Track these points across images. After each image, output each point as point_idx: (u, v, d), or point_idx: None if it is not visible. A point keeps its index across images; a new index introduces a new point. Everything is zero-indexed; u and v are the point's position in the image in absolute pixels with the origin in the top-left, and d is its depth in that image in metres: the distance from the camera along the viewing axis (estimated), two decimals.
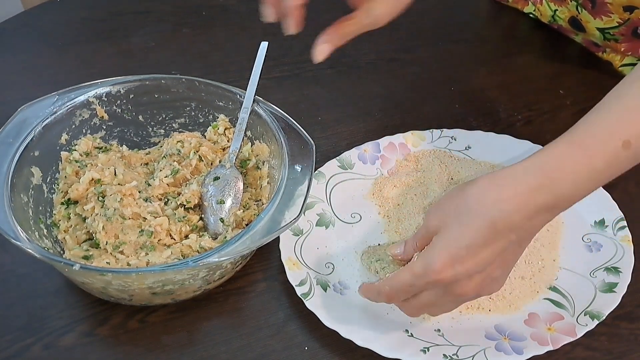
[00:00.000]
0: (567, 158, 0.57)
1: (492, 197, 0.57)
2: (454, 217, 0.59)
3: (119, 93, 0.80)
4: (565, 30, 1.05)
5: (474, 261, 0.57)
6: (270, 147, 0.78)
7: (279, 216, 0.68)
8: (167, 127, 0.84)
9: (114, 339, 0.71)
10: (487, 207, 0.57)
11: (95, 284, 0.68)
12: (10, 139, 0.73)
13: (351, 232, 0.79)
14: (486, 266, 0.58)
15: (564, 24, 1.03)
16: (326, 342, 0.70)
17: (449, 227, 0.59)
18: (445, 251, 0.58)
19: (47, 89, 0.79)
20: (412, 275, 0.61)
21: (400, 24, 1.11)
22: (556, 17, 1.04)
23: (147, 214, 0.73)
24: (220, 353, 0.70)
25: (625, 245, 0.75)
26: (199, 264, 0.64)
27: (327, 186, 0.82)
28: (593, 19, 0.97)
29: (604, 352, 0.70)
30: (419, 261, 0.60)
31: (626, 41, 0.98)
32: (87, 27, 1.10)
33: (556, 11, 1.03)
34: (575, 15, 1.00)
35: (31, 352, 0.69)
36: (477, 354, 0.67)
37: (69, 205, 0.75)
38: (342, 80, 1.01)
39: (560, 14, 1.03)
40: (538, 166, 0.57)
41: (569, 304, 0.72)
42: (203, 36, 1.08)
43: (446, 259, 0.58)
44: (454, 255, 0.58)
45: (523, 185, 0.57)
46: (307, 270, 0.74)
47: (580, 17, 0.99)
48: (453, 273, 0.58)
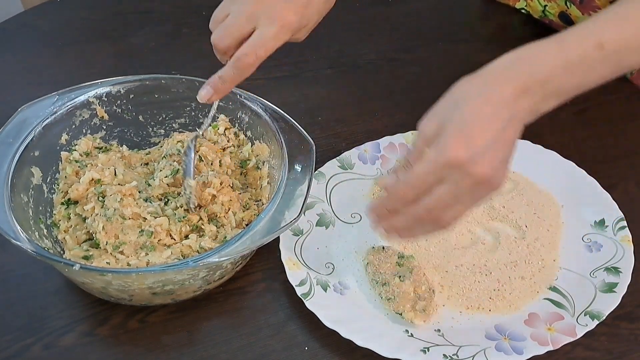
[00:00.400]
0: (542, 48, 0.60)
1: (480, 82, 0.60)
2: (452, 109, 0.59)
3: (119, 93, 0.80)
4: (557, 25, 1.05)
5: (482, 137, 0.58)
6: (270, 147, 0.78)
7: (279, 216, 0.68)
8: (167, 127, 0.84)
9: (114, 339, 0.71)
10: (479, 89, 0.59)
11: (95, 284, 0.68)
12: (10, 139, 0.73)
13: (351, 232, 0.79)
14: (493, 142, 0.58)
15: (554, 18, 1.04)
16: (326, 342, 0.70)
17: (449, 117, 0.59)
18: (455, 132, 0.58)
19: (47, 89, 0.79)
20: (427, 164, 0.59)
21: (400, 24, 1.12)
22: (546, 12, 1.04)
23: (147, 214, 0.73)
24: (220, 353, 0.70)
25: (625, 245, 0.75)
26: (199, 264, 0.64)
27: (327, 186, 0.82)
28: (581, 14, 0.97)
29: (604, 352, 0.70)
30: (432, 149, 0.59)
31: None
32: (87, 27, 1.10)
33: (546, 7, 1.04)
34: (564, 10, 1.00)
35: (31, 352, 0.69)
36: (477, 354, 0.67)
37: (69, 205, 0.75)
38: (342, 80, 1.01)
39: (550, 9, 1.03)
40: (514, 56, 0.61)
41: (569, 304, 0.72)
42: (203, 36, 1.07)
43: (458, 138, 0.58)
44: (465, 133, 0.58)
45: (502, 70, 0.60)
46: (307, 270, 0.74)
47: (569, 11, 0.99)
48: (468, 149, 0.57)
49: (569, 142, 0.89)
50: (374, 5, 1.14)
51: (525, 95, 0.59)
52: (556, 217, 0.80)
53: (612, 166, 0.87)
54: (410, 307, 0.70)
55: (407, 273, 0.73)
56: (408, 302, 0.71)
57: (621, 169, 0.87)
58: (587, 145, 0.90)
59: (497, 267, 0.75)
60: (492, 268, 0.75)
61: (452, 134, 0.58)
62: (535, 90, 0.60)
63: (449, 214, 0.61)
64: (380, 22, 1.11)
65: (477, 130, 0.58)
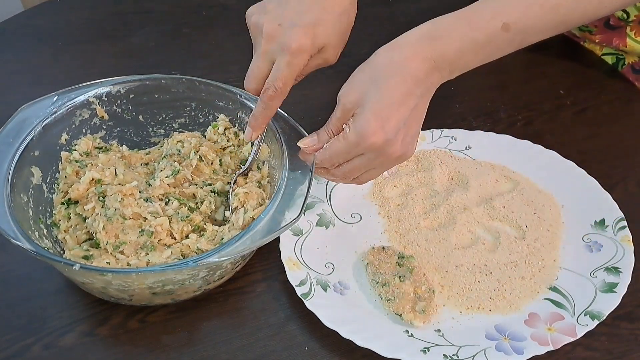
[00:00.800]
0: (453, 27, 0.66)
1: (398, 58, 0.65)
2: (370, 83, 0.65)
3: (119, 93, 0.80)
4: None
5: (396, 117, 0.65)
6: (270, 147, 0.78)
7: (279, 216, 0.68)
8: (167, 127, 0.84)
9: (114, 339, 0.71)
10: (396, 66, 0.65)
11: (95, 284, 0.68)
12: (10, 139, 0.73)
13: (351, 232, 0.79)
14: (405, 121, 0.66)
15: None
16: (326, 342, 0.70)
17: (368, 94, 0.65)
18: (372, 115, 0.65)
19: (47, 89, 0.79)
20: (348, 145, 0.67)
21: (400, 24, 1.11)
22: None
23: (148, 214, 0.73)
24: (220, 353, 0.70)
25: (626, 245, 0.75)
26: (199, 264, 0.64)
27: (327, 186, 0.82)
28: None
29: (604, 352, 0.70)
30: (351, 131, 0.66)
31: (600, 32, 1.00)
32: (87, 27, 1.10)
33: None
34: None
35: (31, 352, 0.69)
36: (477, 354, 0.67)
37: (69, 205, 0.75)
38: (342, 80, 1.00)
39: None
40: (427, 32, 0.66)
41: (569, 304, 0.72)
42: (203, 36, 1.08)
43: (376, 122, 0.64)
44: (382, 116, 0.64)
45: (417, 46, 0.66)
46: (307, 270, 0.74)
47: None
48: (384, 134, 0.65)
49: (569, 142, 0.89)
50: (374, 5, 1.14)
51: (435, 71, 0.66)
52: (556, 217, 0.80)
53: (612, 166, 0.87)
54: (409, 308, 0.70)
55: (407, 273, 0.73)
56: (408, 302, 0.71)
57: (621, 169, 0.87)
58: (587, 145, 0.90)
59: (497, 267, 0.75)
60: (492, 268, 0.75)
61: (370, 116, 0.64)
62: (444, 67, 0.66)
63: (364, 176, 0.71)
64: (380, 22, 1.11)
65: (392, 112, 0.64)
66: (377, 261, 0.75)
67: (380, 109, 0.64)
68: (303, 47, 0.69)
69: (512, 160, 0.85)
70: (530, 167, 0.84)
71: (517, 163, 0.85)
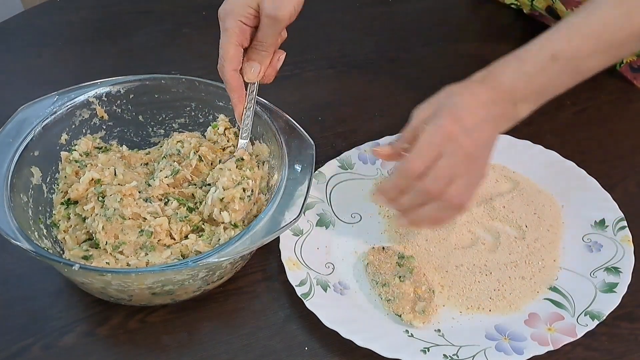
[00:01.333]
0: (506, 64, 0.69)
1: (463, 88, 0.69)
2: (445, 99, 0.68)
3: (119, 93, 0.80)
4: (547, 19, 1.06)
5: (471, 119, 0.66)
6: (270, 147, 0.78)
7: (279, 216, 0.68)
8: (167, 127, 0.84)
9: (114, 339, 0.71)
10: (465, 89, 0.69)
11: (95, 284, 0.68)
12: (10, 139, 0.73)
13: (351, 232, 0.79)
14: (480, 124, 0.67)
15: (543, 12, 1.05)
16: (326, 342, 0.70)
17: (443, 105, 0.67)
18: (448, 113, 0.66)
19: (47, 89, 0.79)
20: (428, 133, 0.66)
21: (400, 24, 1.12)
22: (534, 6, 1.05)
23: (147, 214, 0.73)
24: (220, 353, 0.70)
25: (626, 245, 0.75)
26: (198, 264, 0.64)
27: (327, 186, 0.82)
28: (565, 10, 0.98)
29: (604, 352, 0.70)
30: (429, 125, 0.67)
31: None
32: (87, 27, 1.10)
33: (533, 1, 1.04)
34: (550, 4, 1.01)
35: (31, 352, 0.69)
36: (477, 354, 0.67)
37: (68, 205, 0.75)
38: (342, 80, 1.01)
39: (538, 3, 1.04)
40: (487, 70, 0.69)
41: (569, 304, 0.72)
42: (203, 36, 1.08)
43: (452, 116, 0.66)
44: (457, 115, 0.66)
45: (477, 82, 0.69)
46: (307, 270, 0.74)
47: (555, 6, 1.00)
48: (459, 125, 0.66)
49: (569, 142, 0.89)
50: (374, 5, 1.14)
51: (496, 104, 0.68)
52: (556, 217, 0.80)
53: (612, 166, 0.87)
54: (409, 308, 0.70)
55: (407, 273, 0.73)
56: (408, 303, 0.71)
57: (621, 169, 0.87)
58: (587, 145, 0.90)
59: (497, 267, 0.75)
60: (492, 268, 0.75)
61: (446, 113, 0.66)
62: (503, 98, 0.68)
63: (452, 187, 0.67)
64: (380, 22, 1.11)
65: (468, 114, 0.66)
66: (377, 261, 0.75)
67: (455, 110, 0.66)
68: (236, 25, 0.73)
69: (512, 160, 0.85)
70: (530, 167, 0.84)
71: (517, 163, 0.85)
